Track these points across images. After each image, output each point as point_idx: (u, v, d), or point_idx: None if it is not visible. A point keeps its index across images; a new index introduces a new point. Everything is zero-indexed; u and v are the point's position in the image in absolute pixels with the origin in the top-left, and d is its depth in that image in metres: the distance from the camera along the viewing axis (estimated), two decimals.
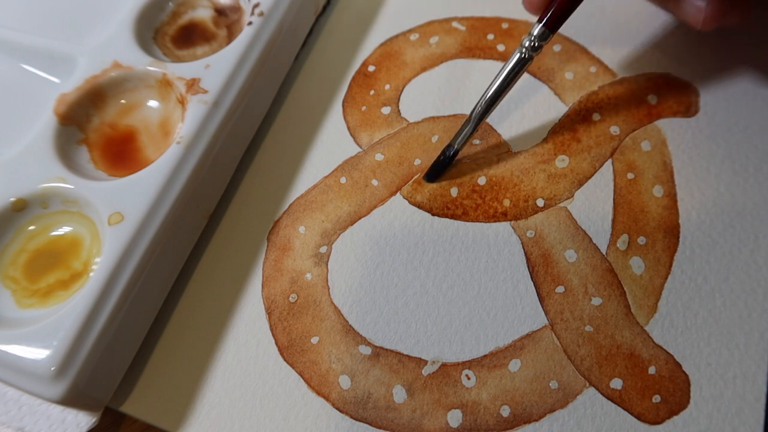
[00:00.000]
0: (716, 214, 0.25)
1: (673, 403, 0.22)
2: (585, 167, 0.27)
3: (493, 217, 0.26)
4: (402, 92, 0.30)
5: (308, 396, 0.24)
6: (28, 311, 0.23)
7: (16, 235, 0.25)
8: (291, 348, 0.25)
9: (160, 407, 0.24)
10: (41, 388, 0.21)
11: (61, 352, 0.21)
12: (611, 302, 0.24)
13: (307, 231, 0.27)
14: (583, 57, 0.30)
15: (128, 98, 0.28)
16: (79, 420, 0.23)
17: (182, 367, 0.25)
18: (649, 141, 0.27)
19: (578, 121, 0.28)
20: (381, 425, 0.23)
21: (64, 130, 0.27)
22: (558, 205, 0.26)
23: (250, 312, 0.25)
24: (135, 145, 0.27)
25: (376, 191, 0.28)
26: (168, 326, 0.26)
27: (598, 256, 0.25)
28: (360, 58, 0.32)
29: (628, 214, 0.26)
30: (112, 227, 0.23)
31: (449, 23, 0.32)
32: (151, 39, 0.30)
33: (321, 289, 0.26)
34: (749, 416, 0.22)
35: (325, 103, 0.30)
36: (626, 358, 0.23)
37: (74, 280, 0.24)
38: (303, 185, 0.28)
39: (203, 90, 0.26)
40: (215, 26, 0.31)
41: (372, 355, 0.24)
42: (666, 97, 0.28)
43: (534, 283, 0.25)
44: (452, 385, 0.23)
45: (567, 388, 0.23)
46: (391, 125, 0.29)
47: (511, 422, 0.22)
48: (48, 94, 0.27)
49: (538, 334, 0.24)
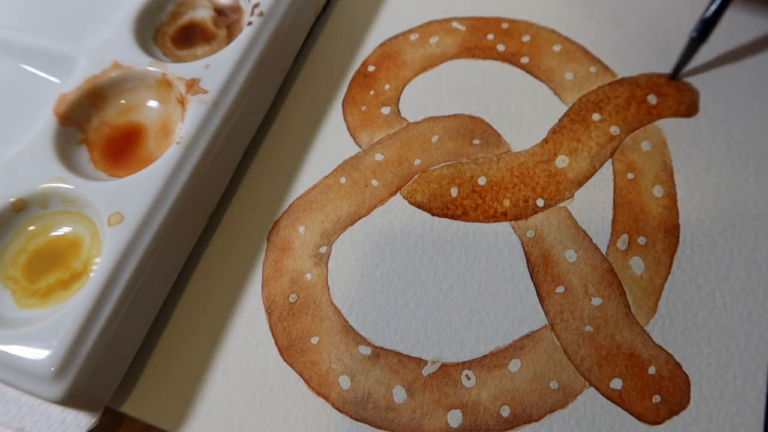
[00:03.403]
0: (716, 214, 0.25)
1: (673, 403, 0.22)
2: (585, 167, 0.27)
3: (493, 217, 0.26)
4: (402, 92, 0.30)
5: (308, 396, 0.24)
6: (28, 311, 0.23)
7: (16, 235, 0.25)
8: (291, 348, 0.25)
9: (160, 407, 0.24)
10: (41, 389, 0.21)
11: (61, 352, 0.21)
12: (611, 302, 0.24)
13: (307, 231, 0.27)
14: (583, 57, 0.30)
15: (128, 98, 0.28)
16: (79, 420, 0.23)
17: (182, 367, 0.25)
18: (649, 141, 0.27)
19: (578, 121, 0.28)
20: (381, 425, 0.23)
21: (64, 130, 0.27)
22: (558, 205, 0.26)
23: (250, 312, 0.25)
24: (135, 145, 0.27)
25: (376, 191, 0.28)
26: (168, 326, 0.26)
27: (598, 256, 0.25)
28: (360, 58, 0.32)
29: (628, 214, 0.26)
30: (112, 227, 0.23)
31: (449, 23, 0.32)
32: (151, 39, 0.30)
33: (321, 289, 0.26)
34: (749, 416, 0.22)
35: (325, 103, 0.30)
36: (626, 358, 0.23)
37: (74, 280, 0.24)
38: (303, 185, 0.28)
39: (203, 90, 0.26)
40: (215, 26, 0.31)
41: (372, 355, 0.24)
42: (666, 97, 0.28)
43: (534, 283, 0.25)
44: (452, 385, 0.23)
45: (567, 388, 0.23)
46: (391, 125, 0.29)
47: (511, 422, 0.22)
48: (48, 94, 0.27)
49: (538, 334, 0.24)
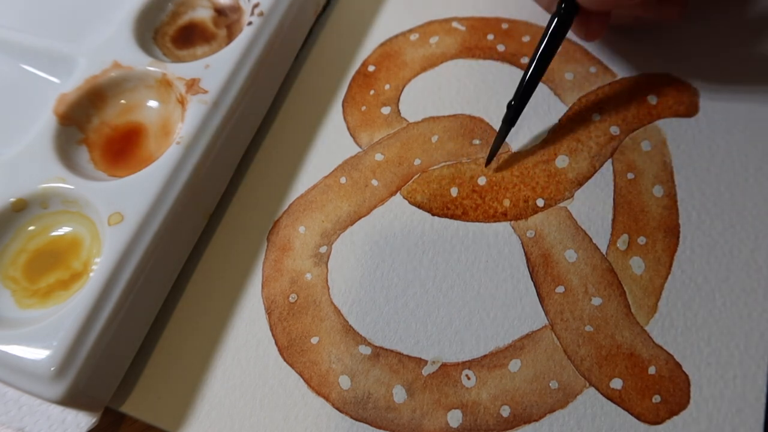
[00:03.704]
0: (716, 214, 0.25)
1: (673, 403, 0.22)
2: (585, 167, 0.27)
3: (493, 217, 0.26)
4: (402, 92, 0.30)
5: (308, 396, 0.24)
6: (28, 311, 0.23)
7: (16, 235, 0.25)
8: (291, 348, 0.25)
9: (160, 407, 0.24)
10: (41, 389, 0.21)
11: (61, 352, 0.21)
12: (611, 302, 0.24)
13: (307, 231, 0.27)
14: (583, 57, 0.30)
15: (128, 98, 0.28)
16: (79, 420, 0.23)
17: (182, 367, 0.25)
18: (649, 141, 0.27)
19: (578, 121, 0.28)
20: (381, 425, 0.23)
21: (64, 130, 0.27)
22: (558, 205, 0.26)
23: (250, 312, 0.25)
24: (135, 145, 0.27)
25: (376, 191, 0.28)
26: (168, 326, 0.26)
27: (598, 256, 0.25)
28: (360, 58, 0.32)
29: (628, 214, 0.26)
30: (112, 227, 0.23)
31: (449, 23, 0.32)
32: (151, 39, 0.30)
33: (321, 289, 0.26)
34: (749, 416, 0.22)
35: (325, 103, 0.30)
36: (626, 358, 0.23)
37: (74, 280, 0.24)
38: (303, 185, 0.28)
39: (203, 90, 0.26)
40: (215, 26, 0.31)
41: (372, 355, 0.24)
42: (666, 97, 0.28)
43: (534, 283, 0.25)
44: (452, 385, 0.23)
45: (567, 388, 0.23)
46: (391, 125, 0.29)
47: (511, 422, 0.22)
48: (48, 94, 0.27)
49: (538, 334, 0.24)
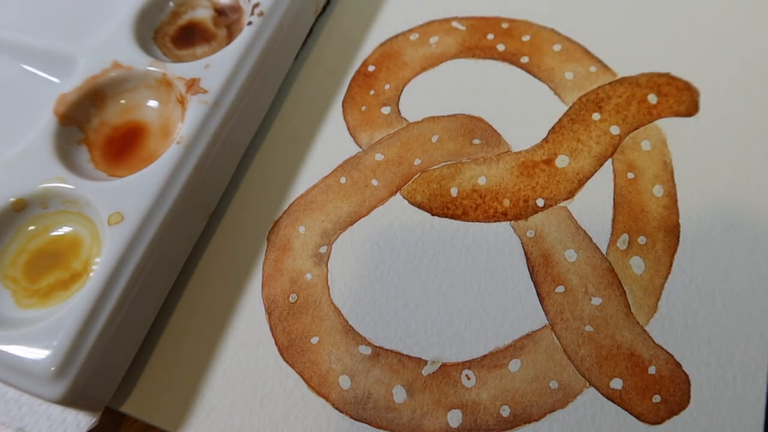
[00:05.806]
0: (716, 214, 0.25)
1: (673, 403, 0.22)
2: (585, 167, 0.27)
3: (493, 217, 0.26)
4: (402, 92, 0.30)
5: (308, 396, 0.24)
6: (28, 311, 0.23)
7: (16, 235, 0.25)
8: (291, 348, 0.25)
9: (160, 407, 0.24)
10: (41, 389, 0.21)
11: (61, 352, 0.21)
12: (611, 302, 0.24)
13: (307, 231, 0.27)
14: (583, 57, 0.30)
15: (128, 98, 0.28)
16: (79, 420, 0.23)
17: (182, 367, 0.25)
18: (649, 141, 0.27)
19: (578, 121, 0.28)
20: (381, 425, 0.23)
21: (64, 130, 0.27)
22: (558, 205, 0.26)
23: (250, 312, 0.25)
24: (135, 145, 0.27)
25: (376, 191, 0.28)
26: (168, 326, 0.26)
27: (598, 256, 0.25)
28: (360, 58, 0.32)
29: (628, 213, 0.26)
30: (112, 227, 0.23)
31: (449, 23, 0.32)
32: (151, 39, 0.30)
33: (321, 289, 0.26)
34: (749, 416, 0.22)
35: (325, 103, 0.30)
36: (626, 358, 0.23)
37: (74, 280, 0.24)
38: (303, 185, 0.28)
39: (203, 90, 0.26)
40: (215, 26, 0.31)
41: (372, 355, 0.24)
42: (666, 97, 0.28)
43: (534, 283, 0.25)
44: (452, 385, 0.23)
45: (567, 388, 0.23)
46: (391, 125, 0.29)
47: (511, 422, 0.22)
48: (48, 94, 0.27)
49: (538, 334, 0.24)
